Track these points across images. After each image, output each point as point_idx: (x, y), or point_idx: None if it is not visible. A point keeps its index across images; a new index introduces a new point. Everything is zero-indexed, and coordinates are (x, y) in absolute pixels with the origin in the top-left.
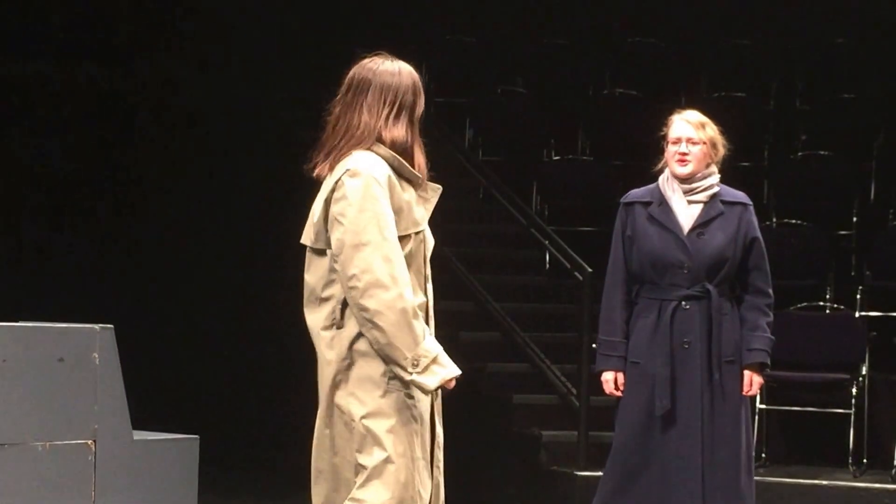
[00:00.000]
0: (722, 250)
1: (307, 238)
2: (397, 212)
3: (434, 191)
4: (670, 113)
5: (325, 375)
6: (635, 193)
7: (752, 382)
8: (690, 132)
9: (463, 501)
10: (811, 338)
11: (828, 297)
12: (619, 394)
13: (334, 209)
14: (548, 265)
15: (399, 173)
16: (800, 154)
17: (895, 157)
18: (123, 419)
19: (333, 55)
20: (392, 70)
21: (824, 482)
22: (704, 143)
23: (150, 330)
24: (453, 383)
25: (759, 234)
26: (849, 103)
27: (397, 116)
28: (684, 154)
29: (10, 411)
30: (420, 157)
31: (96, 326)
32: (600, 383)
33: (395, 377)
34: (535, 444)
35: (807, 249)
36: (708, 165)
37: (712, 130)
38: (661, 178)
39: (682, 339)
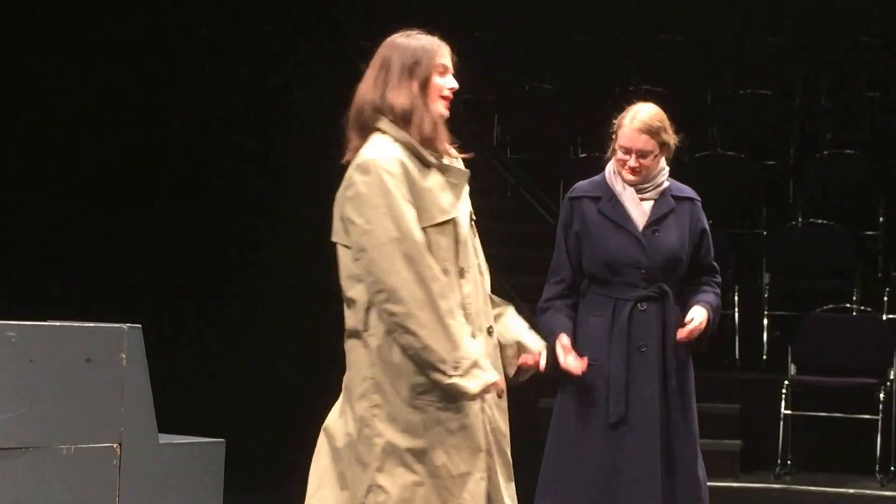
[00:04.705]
0: (677, 249)
1: (334, 234)
2: (419, 201)
3: (458, 176)
4: (696, 110)
5: (349, 383)
6: (582, 187)
7: (692, 330)
8: (640, 145)
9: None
10: (837, 341)
11: (854, 298)
12: (575, 364)
13: (346, 210)
14: None
15: (417, 157)
16: (825, 153)
17: None
18: (150, 422)
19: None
20: (396, 35)
21: (850, 490)
22: (656, 155)
23: (176, 331)
24: (495, 391)
25: (707, 226)
26: (874, 101)
27: (396, 79)
28: (633, 168)
29: (37, 413)
30: (438, 130)
31: (124, 326)
32: None
33: (426, 392)
34: None
35: (833, 250)
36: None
37: (665, 134)
38: (607, 171)
39: (638, 343)
